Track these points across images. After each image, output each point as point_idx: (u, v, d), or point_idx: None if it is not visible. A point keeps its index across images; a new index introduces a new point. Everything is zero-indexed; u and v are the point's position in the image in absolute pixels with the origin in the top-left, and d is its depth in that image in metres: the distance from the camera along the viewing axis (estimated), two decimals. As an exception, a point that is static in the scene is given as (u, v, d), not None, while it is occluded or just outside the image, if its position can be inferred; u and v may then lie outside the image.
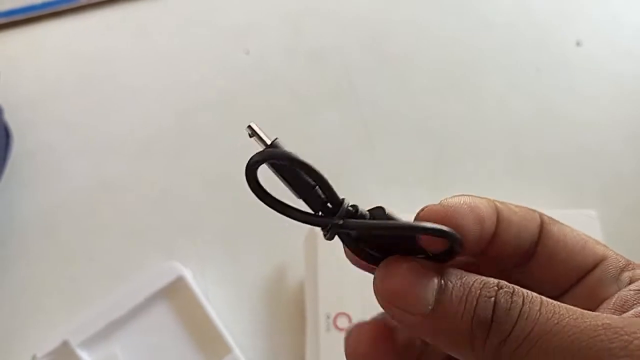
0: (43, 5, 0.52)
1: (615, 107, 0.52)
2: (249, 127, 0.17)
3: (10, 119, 0.47)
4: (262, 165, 0.17)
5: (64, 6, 0.52)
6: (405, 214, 0.18)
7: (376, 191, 0.46)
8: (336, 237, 0.18)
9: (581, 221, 0.40)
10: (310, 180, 0.17)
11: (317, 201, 0.17)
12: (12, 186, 0.45)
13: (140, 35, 0.53)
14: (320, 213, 0.18)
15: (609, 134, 0.50)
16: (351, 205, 0.17)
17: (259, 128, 0.17)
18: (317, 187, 0.17)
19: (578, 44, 0.55)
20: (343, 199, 0.17)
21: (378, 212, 0.18)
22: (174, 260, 0.40)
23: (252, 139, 0.17)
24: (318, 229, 0.19)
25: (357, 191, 0.46)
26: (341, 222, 0.17)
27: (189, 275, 0.39)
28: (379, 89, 0.51)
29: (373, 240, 0.18)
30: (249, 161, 0.17)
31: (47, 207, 0.44)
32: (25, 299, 0.40)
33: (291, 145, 0.45)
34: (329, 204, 0.17)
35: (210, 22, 0.54)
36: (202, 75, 0.52)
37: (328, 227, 0.17)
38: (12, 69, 0.50)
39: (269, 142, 0.17)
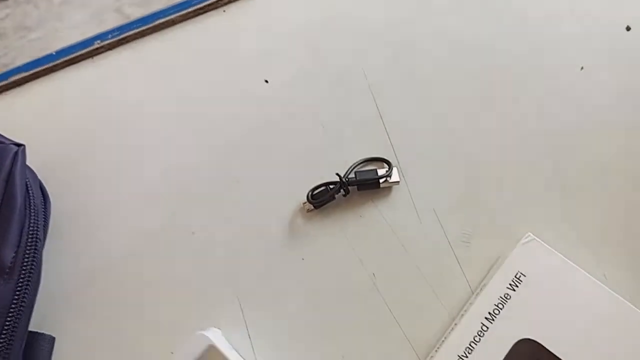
0: (59, 54, 0.52)
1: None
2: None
3: (44, 180, 0.48)
4: None
5: (79, 52, 0.52)
6: None
7: (411, 219, 0.45)
8: None
9: None
10: None
11: None
12: (56, 248, 0.46)
13: (157, 74, 0.52)
14: None
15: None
16: None
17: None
18: None
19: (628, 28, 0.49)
20: None
21: None
22: (210, 326, 0.42)
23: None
24: None
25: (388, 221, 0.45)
26: None
27: (219, 343, 0.40)
28: (405, 110, 0.48)
29: None
30: None
31: (90, 266, 0.45)
32: (75, 356, 0.42)
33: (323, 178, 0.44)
34: None
35: (230, 54, 0.52)
36: (226, 109, 0.50)
37: None
38: (39, 125, 0.50)
39: None
